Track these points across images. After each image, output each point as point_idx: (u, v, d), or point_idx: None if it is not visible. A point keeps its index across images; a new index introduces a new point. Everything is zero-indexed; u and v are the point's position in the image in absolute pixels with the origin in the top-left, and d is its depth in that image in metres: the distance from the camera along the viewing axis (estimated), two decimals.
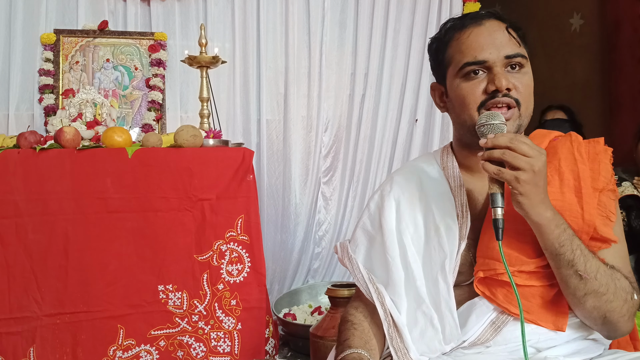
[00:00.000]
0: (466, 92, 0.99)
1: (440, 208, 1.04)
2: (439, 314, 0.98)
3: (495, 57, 0.96)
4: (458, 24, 1.03)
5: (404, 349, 0.97)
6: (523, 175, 0.84)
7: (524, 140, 0.86)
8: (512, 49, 0.97)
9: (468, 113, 0.99)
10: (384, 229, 1.07)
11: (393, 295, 1.02)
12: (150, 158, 1.90)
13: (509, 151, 0.85)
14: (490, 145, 0.88)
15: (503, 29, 0.99)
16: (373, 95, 2.96)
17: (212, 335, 1.90)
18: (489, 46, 0.97)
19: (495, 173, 0.86)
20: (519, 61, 0.98)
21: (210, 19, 2.80)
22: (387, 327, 0.99)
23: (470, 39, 0.99)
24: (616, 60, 3.31)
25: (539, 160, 0.85)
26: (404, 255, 1.04)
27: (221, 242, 1.92)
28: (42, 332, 1.84)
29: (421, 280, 1.01)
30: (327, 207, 3.02)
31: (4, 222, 1.84)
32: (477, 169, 1.06)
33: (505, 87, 0.95)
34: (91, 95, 2.26)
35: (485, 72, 0.98)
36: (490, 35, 0.98)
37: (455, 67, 1.01)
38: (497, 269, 0.95)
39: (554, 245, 0.89)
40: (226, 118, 2.83)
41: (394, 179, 1.14)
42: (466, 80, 0.99)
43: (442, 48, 1.05)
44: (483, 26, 0.99)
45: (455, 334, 0.97)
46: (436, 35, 1.08)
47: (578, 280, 0.89)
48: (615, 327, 0.94)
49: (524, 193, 0.85)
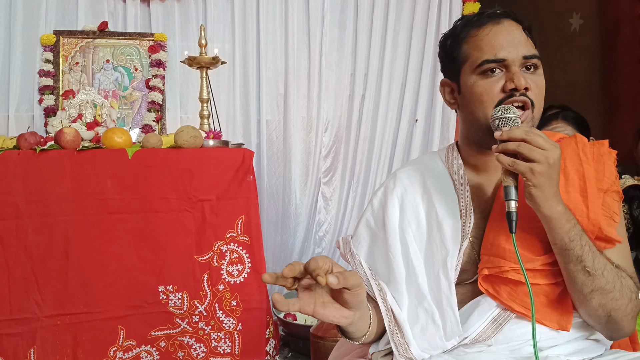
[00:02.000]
0: (483, 90, 0.98)
1: (443, 205, 1.04)
2: (440, 311, 0.98)
3: (515, 56, 0.97)
4: (475, 20, 1.02)
5: (404, 344, 0.98)
6: (538, 167, 0.85)
7: (539, 134, 0.87)
8: (529, 50, 0.98)
9: (484, 111, 0.99)
10: (386, 227, 1.07)
11: (395, 292, 1.03)
12: (150, 159, 1.90)
13: (524, 143, 0.86)
14: (505, 137, 0.88)
15: (520, 30, 0.99)
16: (373, 95, 2.96)
17: (212, 335, 1.90)
18: (508, 45, 0.97)
19: (509, 164, 0.87)
20: (534, 62, 0.98)
21: (210, 19, 2.81)
22: (388, 322, 0.99)
23: (490, 36, 0.99)
24: (616, 60, 3.31)
25: (554, 153, 0.86)
26: (406, 252, 1.04)
27: (221, 243, 1.92)
28: (43, 333, 1.84)
29: (423, 277, 1.02)
30: (327, 207, 3.02)
31: (4, 223, 1.84)
32: (484, 167, 1.06)
33: (524, 87, 0.96)
34: (91, 96, 2.26)
35: (502, 70, 0.98)
36: (509, 34, 0.98)
37: (473, 64, 1.00)
38: (502, 267, 0.95)
39: (564, 240, 0.89)
40: (226, 119, 2.83)
41: (397, 176, 1.14)
42: (484, 78, 0.99)
43: (457, 44, 1.04)
44: (502, 25, 0.99)
45: (457, 331, 0.97)
46: (450, 32, 1.07)
47: (586, 276, 0.90)
48: (618, 326, 0.94)
49: (537, 185, 0.86)
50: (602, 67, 3.46)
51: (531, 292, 0.87)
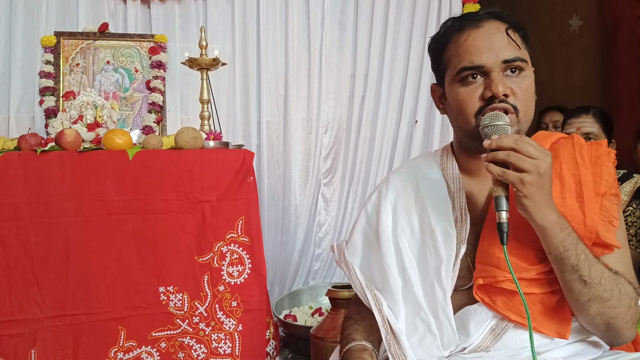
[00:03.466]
0: (463, 98, 0.96)
1: (437, 210, 1.02)
2: (436, 320, 0.97)
3: (493, 62, 0.93)
4: (456, 25, 0.99)
5: (402, 356, 0.96)
6: (528, 177, 0.82)
7: (528, 142, 0.84)
8: (510, 53, 0.94)
9: (465, 119, 0.96)
10: (380, 235, 1.05)
11: (391, 302, 1.01)
12: (150, 160, 1.90)
13: (513, 153, 0.83)
14: (494, 146, 0.85)
15: (502, 31, 0.95)
16: (373, 96, 2.97)
17: (212, 336, 1.90)
18: (487, 50, 0.94)
19: (499, 175, 0.84)
20: (518, 65, 0.95)
21: (210, 21, 2.81)
22: (385, 334, 0.98)
23: (468, 42, 0.96)
24: (615, 61, 3.32)
25: (544, 162, 0.83)
26: (401, 260, 1.02)
27: (222, 244, 1.92)
28: (43, 334, 1.84)
29: (418, 286, 1.00)
30: (327, 208, 3.02)
31: (4, 224, 1.84)
32: (477, 172, 1.04)
33: (502, 93, 0.92)
34: (92, 97, 2.26)
35: (482, 76, 0.95)
36: (488, 39, 0.95)
37: (453, 71, 0.98)
38: (497, 276, 0.93)
39: (559, 249, 0.87)
40: (226, 120, 2.84)
41: (390, 179, 1.13)
42: (463, 85, 0.96)
43: (441, 50, 1.02)
44: (481, 28, 0.96)
45: (453, 340, 0.96)
46: (435, 36, 1.05)
47: (582, 285, 0.88)
48: (618, 333, 0.92)
49: (528, 195, 0.83)
50: (601, 67, 3.46)
51: (526, 304, 0.84)
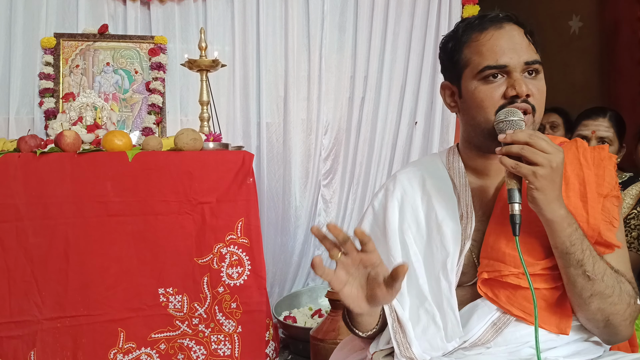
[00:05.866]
0: (485, 95, 0.99)
1: (443, 207, 1.05)
2: (441, 312, 0.99)
3: (516, 62, 0.97)
4: (477, 24, 1.01)
5: (406, 344, 0.98)
6: (541, 171, 0.86)
7: (542, 137, 0.88)
8: (530, 55, 0.98)
9: (485, 116, 0.99)
10: (387, 230, 1.08)
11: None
12: (150, 161, 1.91)
13: (527, 146, 0.87)
14: (509, 140, 0.89)
15: (522, 34, 0.99)
16: (372, 98, 2.96)
17: (212, 338, 1.90)
18: (510, 51, 0.97)
19: (513, 167, 0.87)
20: (536, 67, 0.99)
21: (210, 22, 2.81)
22: (392, 322, 1.00)
23: (492, 42, 0.98)
24: (615, 62, 3.32)
25: (557, 156, 0.87)
26: (406, 254, 1.05)
27: (221, 245, 1.92)
28: (43, 335, 1.84)
29: (423, 279, 1.02)
30: (327, 209, 3.02)
31: (4, 225, 1.84)
32: (484, 170, 1.07)
33: (526, 94, 0.96)
34: (91, 98, 2.26)
35: (504, 76, 0.98)
36: (511, 40, 0.98)
37: (474, 70, 1.00)
38: (502, 271, 0.96)
39: (565, 244, 0.90)
40: (226, 121, 2.83)
41: (397, 177, 1.15)
42: (485, 83, 0.99)
43: (458, 48, 1.04)
44: (504, 29, 0.99)
45: (457, 332, 0.97)
46: (451, 34, 1.07)
47: (585, 280, 0.90)
48: (616, 330, 0.94)
49: (540, 188, 0.86)
50: (601, 69, 3.47)
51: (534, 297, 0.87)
